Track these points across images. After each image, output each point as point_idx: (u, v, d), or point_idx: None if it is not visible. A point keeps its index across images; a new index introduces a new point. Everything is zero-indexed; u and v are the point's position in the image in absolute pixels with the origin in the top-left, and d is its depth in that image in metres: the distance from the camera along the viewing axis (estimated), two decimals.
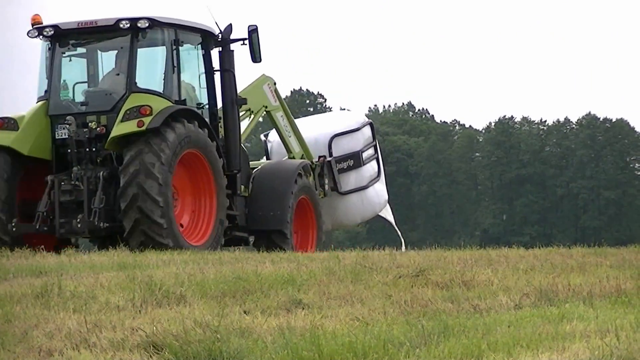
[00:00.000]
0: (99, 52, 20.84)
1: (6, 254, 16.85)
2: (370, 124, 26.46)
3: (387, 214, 26.83)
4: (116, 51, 20.57)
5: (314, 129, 25.34)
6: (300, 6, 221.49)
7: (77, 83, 20.84)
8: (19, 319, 10.06)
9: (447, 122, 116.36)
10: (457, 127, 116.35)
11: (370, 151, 25.84)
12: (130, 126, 19.12)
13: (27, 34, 20.32)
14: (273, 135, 25.07)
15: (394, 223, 27.28)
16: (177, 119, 19.59)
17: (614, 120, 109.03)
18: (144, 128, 19.00)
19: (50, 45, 20.50)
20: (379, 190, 25.95)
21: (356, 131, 25.43)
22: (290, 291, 11.86)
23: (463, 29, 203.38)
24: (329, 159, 24.42)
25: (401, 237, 26.93)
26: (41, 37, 20.40)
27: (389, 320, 10.60)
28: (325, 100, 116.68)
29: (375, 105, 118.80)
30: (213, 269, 13.76)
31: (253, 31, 21.33)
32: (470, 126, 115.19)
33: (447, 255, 16.10)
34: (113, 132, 19.31)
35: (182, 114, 19.85)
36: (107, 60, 20.94)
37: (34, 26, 20.27)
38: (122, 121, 19.23)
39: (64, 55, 20.67)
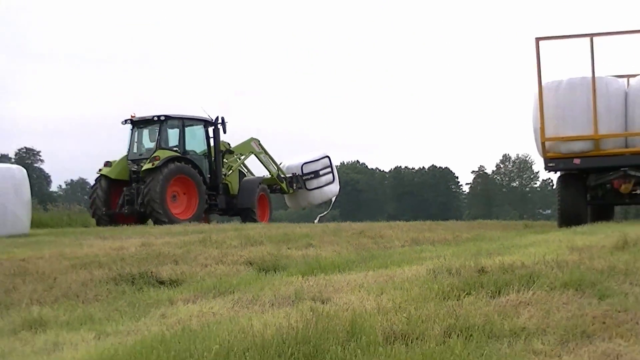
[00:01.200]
0: (153, 129, 19.43)
1: (184, 223, 16.53)
2: (328, 157, 23.79)
3: (332, 200, 24.38)
4: (155, 129, 19.35)
5: (295, 160, 23.45)
6: (300, 6, 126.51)
7: (142, 144, 19.52)
8: (191, 252, 9.99)
9: (373, 168, 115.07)
10: (377, 171, 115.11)
11: (327, 169, 23.52)
12: (149, 165, 18.23)
13: (121, 123, 19.52)
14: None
15: (330, 206, 24.74)
16: (176, 160, 18.65)
17: (443, 167, 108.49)
18: (154, 166, 18.17)
19: (131, 127, 19.50)
20: (332, 188, 23.64)
21: (317, 160, 23.32)
22: (307, 240, 11.86)
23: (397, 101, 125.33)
24: (297, 174, 22.80)
25: (324, 214, 24.52)
26: (126, 123, 19.46)
27: (349, 252, 10.65)
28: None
29: (343, 161, 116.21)
30: (275, 230, 13.66)
31: (223, 119, 20.00)
32: (383, 170, 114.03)
33: (373, 225, 16.08)
34: (143, 168, 18.44)
35: (179, 159, 18.78)
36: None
37: (126, 119, 19.38)
38: (147, 162, 18.37)
39: (136, 131, 19.46)
